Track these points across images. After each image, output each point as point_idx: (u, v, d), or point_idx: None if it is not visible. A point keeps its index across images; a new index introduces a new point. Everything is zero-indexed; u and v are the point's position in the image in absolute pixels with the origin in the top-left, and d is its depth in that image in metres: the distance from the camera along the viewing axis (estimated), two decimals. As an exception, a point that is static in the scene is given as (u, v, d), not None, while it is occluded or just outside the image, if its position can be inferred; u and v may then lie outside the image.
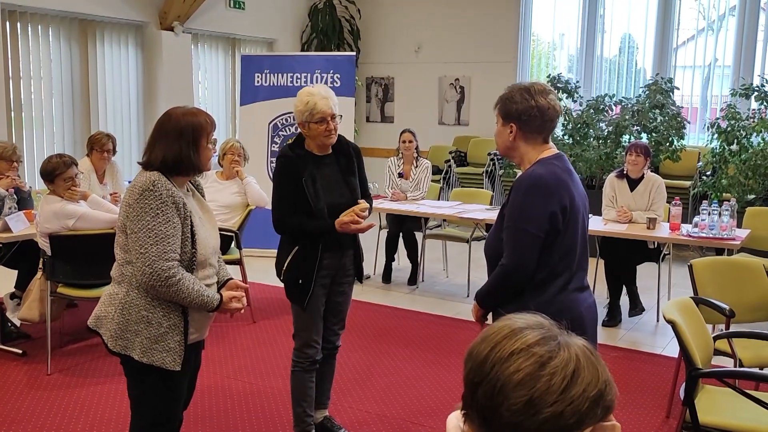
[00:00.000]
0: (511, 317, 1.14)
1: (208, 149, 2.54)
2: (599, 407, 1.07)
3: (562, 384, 1.04)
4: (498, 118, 2.54)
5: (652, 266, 5.64)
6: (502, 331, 1.11)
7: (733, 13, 8.66)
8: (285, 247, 3.26)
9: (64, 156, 4.45)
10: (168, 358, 2.43)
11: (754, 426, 2.79)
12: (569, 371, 1.05)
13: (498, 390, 1.06)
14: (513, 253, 2.41)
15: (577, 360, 1.06)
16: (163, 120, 2.52)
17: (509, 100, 2.48)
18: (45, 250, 4.34)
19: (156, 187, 2.38)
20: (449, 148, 9.79)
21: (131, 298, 2.43)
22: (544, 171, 2.41)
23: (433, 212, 6.25)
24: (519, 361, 1.06)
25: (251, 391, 4.17)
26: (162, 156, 2.46)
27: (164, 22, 8.34)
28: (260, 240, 6.83)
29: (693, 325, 3.07)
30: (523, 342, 1.07)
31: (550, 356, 1.06)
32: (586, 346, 1.10)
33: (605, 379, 1.08)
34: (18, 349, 4.69)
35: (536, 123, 2.46)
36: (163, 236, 2.36)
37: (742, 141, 7.23)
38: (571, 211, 2.42)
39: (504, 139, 2.52)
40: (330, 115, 3.16)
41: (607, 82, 9.47)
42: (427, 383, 4.32)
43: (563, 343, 1.08)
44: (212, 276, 2.61)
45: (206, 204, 2.72)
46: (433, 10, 10.14)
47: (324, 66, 7.66)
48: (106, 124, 8.10)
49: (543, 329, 1.10)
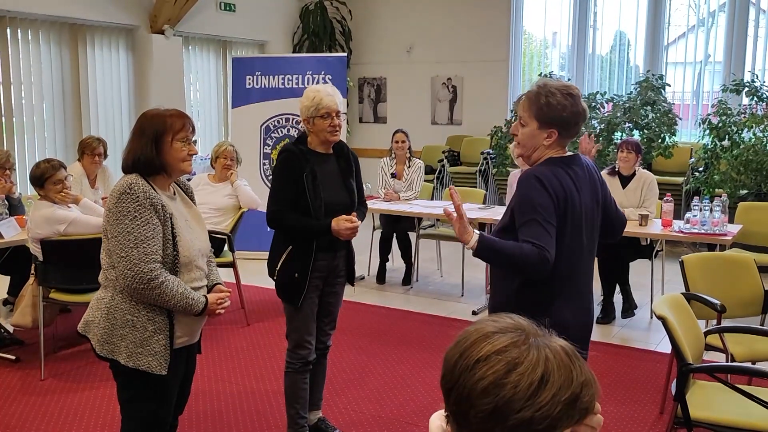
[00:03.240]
0: (484, 320, 1.12)
1: (177, 149, 2.47)
2: (575, 410, 1.04)
3: (528, 390, 1.01)
4: (530, 120, 2.38)
5: (644, 263, 5.65)
6: (472, 336, 1.09)
7: (723, 10, 8.69)
8: (278, 247, 3.26)
9: (51, 160, 4.44)
10: (154, 362, 2.43)
11: (745, 420, 2.80)
12: (536, 377, 1.02)
13: (464, 397, 1.04)
14: (551, 245, 2.27)
15: (546, 364, 1.03)
16: (136, 121, 2.54)
17: (553, 104, 2.32)
18: (37, 256, 4.33)
19: (132, 189, 2.38)
20: (442, 148, 9.81)
21: (116, 303, 2.43)
22: (548, 169, 2.37)
23: (427, 212, 6.25)
24: (483, 369, 1.03)
25: (245, 394, 4.17)
26: (132, 157, 2.46)
27: (155, 26, 8.33)
28: (253, 242, 6.83)
29: (684, 320, 3.08)
30: (490, 348, 1.05)
31: (516, 362, 1.03)
32: (562, 348, 1.07)
33: (581, 381, 1.05)
34: (11, 355, 4.67)
35: (576, 130, 2.40)
36: (143, 239, 2.35)
37: (733, 137, 7.26)
38: (571, 211, 2.36)
39: (537, 144, 2.39)
40: (335, 111, 3.19)
41: (599, 80, 9.49)
42: (422, 383, 4.32)
43: (534, 346, 1.05)
44: (200, 279, 2.60)
45: (194, 206, 2.70)
46: (425, 10, 10.15)
47: (315, 67, 7.66)
48: (97, 128, 8.09)
49: (515, 332, 1.07)
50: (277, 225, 3.24)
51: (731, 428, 2.81)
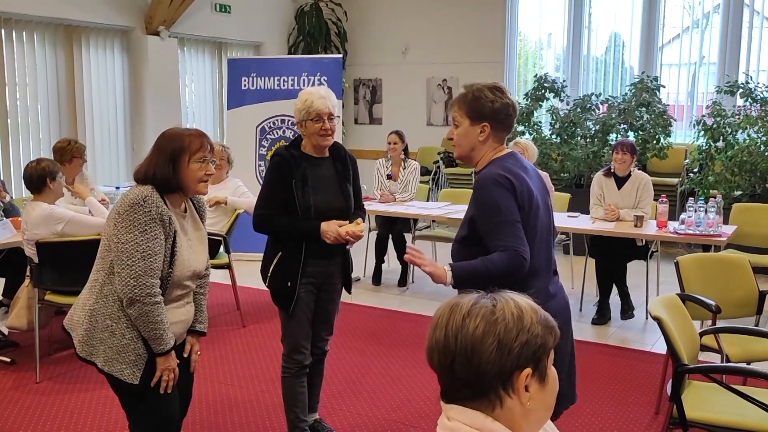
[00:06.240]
0: (440, 307, 1.30)
1: (194, 169, 2.48)
2: (550, 330, 1.25)
3: (514, 318, 1.22)
4: (462, 119, 2.45)
5: (640, 264, 5.66)
6: (444, 314, 1.26)
7: (717, 11, 8.72)
8: (269, 253, 3.26)
9: (45, 159, 4.44)
10: (127, 370, 2.42)
11: (741, 421, 2.81)
12: (513, 308, 1.23)
13: (470, 352, 1.20)
14: (523, 242, 2.31)
15: (512, 298, 1.25)
16: (156, 139, 2.54)
17: (480, 99, 2.41)
18: (32, 258, 4.31)
19: (146, 202, 2.38)
20: (438, 149, 9.82)
21: (98, 307, 2.43)
22: (502, 169, 2.39)
23: (422, 213, 6.26)
24: (472, 320, 1.22)
25: (242, 396, 4.16)
26: (144, 171, 2.47)
27: (150, 27, 8.32)
28: (249, 244, 6.81)
29: (679, 321, 3.09)
30: (465, 307, 1.24)
31: (493, 305, 1.23)
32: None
33: (538, 308, 1.26)
34: (6, 357, 4.66)
35: (509, 122, 2.45)
36: (150, 253, 2.36)
37: (728, 138, 7.28)
38: (530, 204, 2.39)
39: (472, 141, 2.45)
40: (326, 114, 3.17)
41: (594, 81, 9.51)
42: (418, 384, 4.32)
43: (494, 295, 1.27)
44: (185, 297, 2.60)
45: (203, 228, 2.69)
46: (420, 12, 10.16)
47: (311, 69, 7.66)
48: (92, 130, 8.08)
49: (474, 294, 1.28)
50: (264, 228, 3.22)
51: (726, 428, 2.81)
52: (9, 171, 7.37)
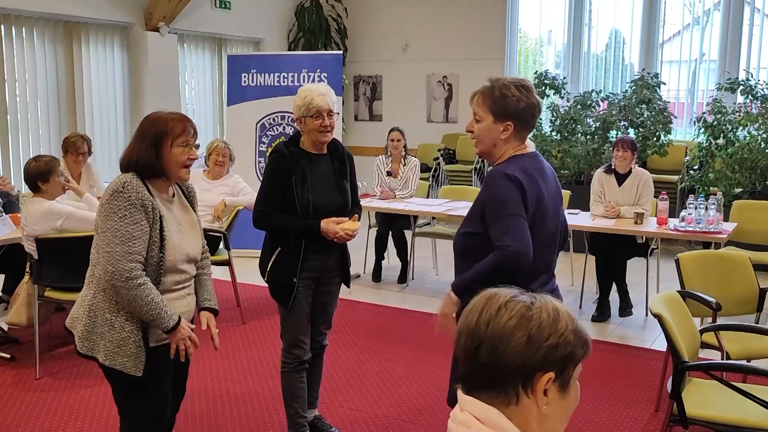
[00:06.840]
0: (479, 294, 1.27)
1: (177, 153, 2.46)
2: (582, 341, 1.22)
3: (549, 319, 1.20)
4: (485, 114, 2.40)
5: (640, 261, 5.66)
6: (480, 301, 1.25)
7: (718, 8, 8.71)
8: (268, 249, 3.26)
9: (44, 155, 4.43)
10: (129, 363, 2.42)
11: (741, 418, 2.81)
12: (551, 309, 1.21)
13: (498, 341, 1.19)
14: (515, 237, 2.30)
15: (552, 301, 1.23)
16: (139, 123, 2.53)
17: (506, 96, 2.35)
18: (31, 254, 4.31)
19: (126, 188, 2.37)
20: (438, 146, 9.81)
21: (97, 301, 2.43)
22: (515, 167, 2.39)
23: (422, 210, 6.25)
24: (507, 312, 1.21)
25: (241, 392, 4.16)
26: (129, 158, 2.46)
27: (150, 23, 8.30)
28: (249, 240, 6.80)
29: (679, 318, 3.09)
30: (503, 299, 1.23)
31: (531, 303, 1.22)
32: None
33: (575, 318, 1.24)
34: (6, 354, 4.66)
35: (533, 122, 2.41)
36: (129, 237, 2.35)
37: (728, 135, 7.28)
38: (537, 208, 2.38)
39: (494, 138, 2.41)
40: (326, 111, 3.17)
41: (595, 78, 9.50)
42: (418, 381, 4.32)
43: (534, 294, 1.25)
44: (184, 282, 2.59)
45: (193, 212, 2.67)
46: (421, 8, 10.14)
47: (311, 65, 7.65)
48: (92, 126, 8.06)
49: (512, 289, 1.26)
50: (263, 225, 3.23)
51: (727, 426, 2.82)
52: (9, 167, 7.36)
